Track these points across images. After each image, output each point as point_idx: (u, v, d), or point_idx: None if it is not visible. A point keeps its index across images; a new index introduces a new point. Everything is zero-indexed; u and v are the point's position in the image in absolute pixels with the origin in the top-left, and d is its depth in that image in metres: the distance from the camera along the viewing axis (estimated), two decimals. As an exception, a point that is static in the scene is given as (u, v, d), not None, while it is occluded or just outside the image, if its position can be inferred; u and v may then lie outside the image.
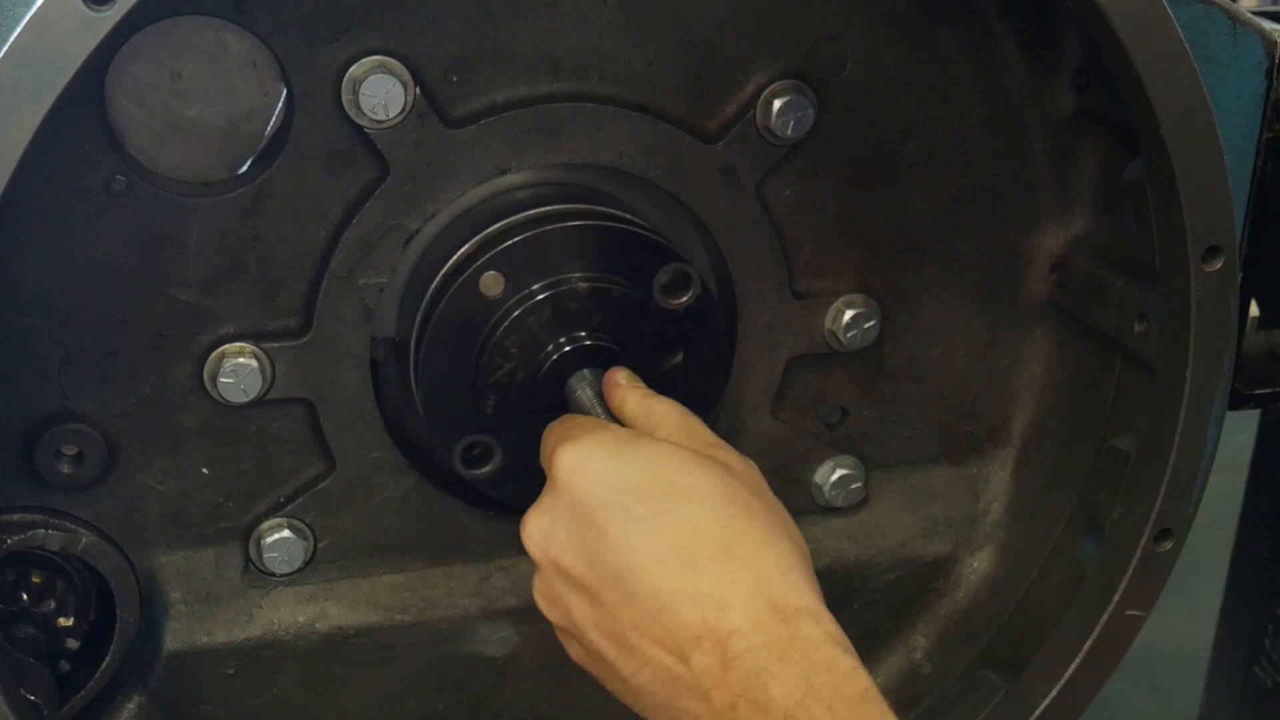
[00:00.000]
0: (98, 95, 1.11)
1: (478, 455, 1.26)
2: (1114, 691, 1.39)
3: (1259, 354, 1.51)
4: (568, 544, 1.04)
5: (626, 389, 1.17)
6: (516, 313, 1.20)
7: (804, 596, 0.97)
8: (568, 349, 1.21)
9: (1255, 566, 1.88)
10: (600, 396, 1.19)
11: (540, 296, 1.20)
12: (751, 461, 1.10)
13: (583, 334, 1.21)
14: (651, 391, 1.17)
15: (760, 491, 1.06)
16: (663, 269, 1.22)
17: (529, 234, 1.20)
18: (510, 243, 1.20)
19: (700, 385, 1.28)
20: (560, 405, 1.20)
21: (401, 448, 1.30)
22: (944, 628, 1.49)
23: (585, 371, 1.20)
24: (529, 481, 1.25)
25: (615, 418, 1.16)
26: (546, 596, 1.08)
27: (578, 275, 1.21)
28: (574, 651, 1.08)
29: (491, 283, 1.20)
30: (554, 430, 1.14)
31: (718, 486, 1.02)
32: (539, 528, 1.07)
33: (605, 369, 1.21)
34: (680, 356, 1.25)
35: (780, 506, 1.07)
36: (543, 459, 1.13)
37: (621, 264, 1.22)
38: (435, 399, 1.24)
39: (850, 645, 0.97)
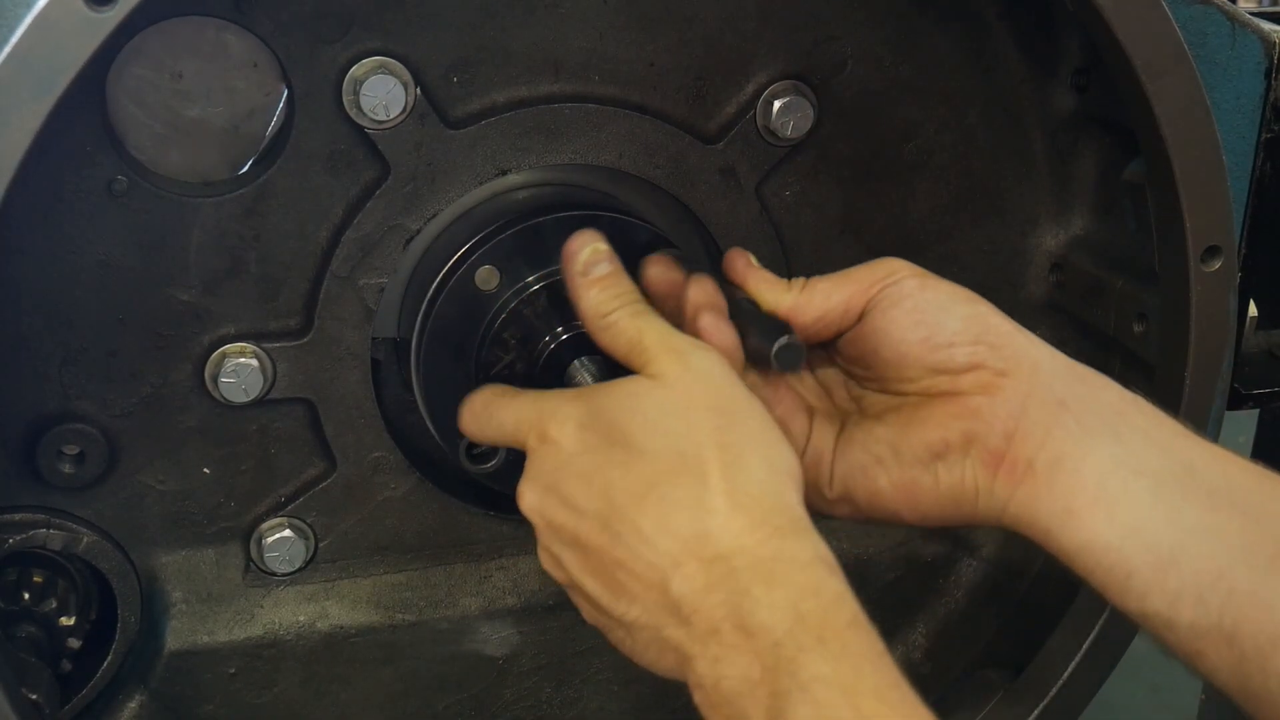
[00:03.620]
0: (99, 96, 1.11)
1: (482, 451, 1.26)
2: (1114, 691, 1.39)
3: (1258, 354, 1.51)
4: (555, 502, 1.01)
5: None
6: (513, 304, 1.20)
7: (786, 513, 0.93)
8: (565, 337, 1.20)
9: (1255, 566, 1.88)
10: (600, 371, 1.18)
11: (535, 287, 1.20)
12: (718, 359, 1.03)
13: (579, 322, 1.21)
14: (636, 309, 1.11)
15: (732, 399, 1.00)
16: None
17: (521, 226, 1.20)
18: (503, 236, 1.20)
19: None
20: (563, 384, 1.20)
21: (402, 448, 1.30)
22: (944, 628, 1.49)
23: (584, 359, 1.20)
24: None
25: None
26: (548, 558, 1.05)
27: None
28: (583, 610, 1.04)
29: (486, 276, 1.20)
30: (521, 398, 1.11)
31: (686, 409, 0.98)
32: (530, 492, 1.04)
33: (603, 354, 1.20)
34: None
35: (757, 410, 1.00)
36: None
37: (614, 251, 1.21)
38: (437, 395, 1.24)
39: (836, 565, 0.92)
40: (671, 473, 0.95)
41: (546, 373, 1.21)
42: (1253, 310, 1.45)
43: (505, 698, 1.41)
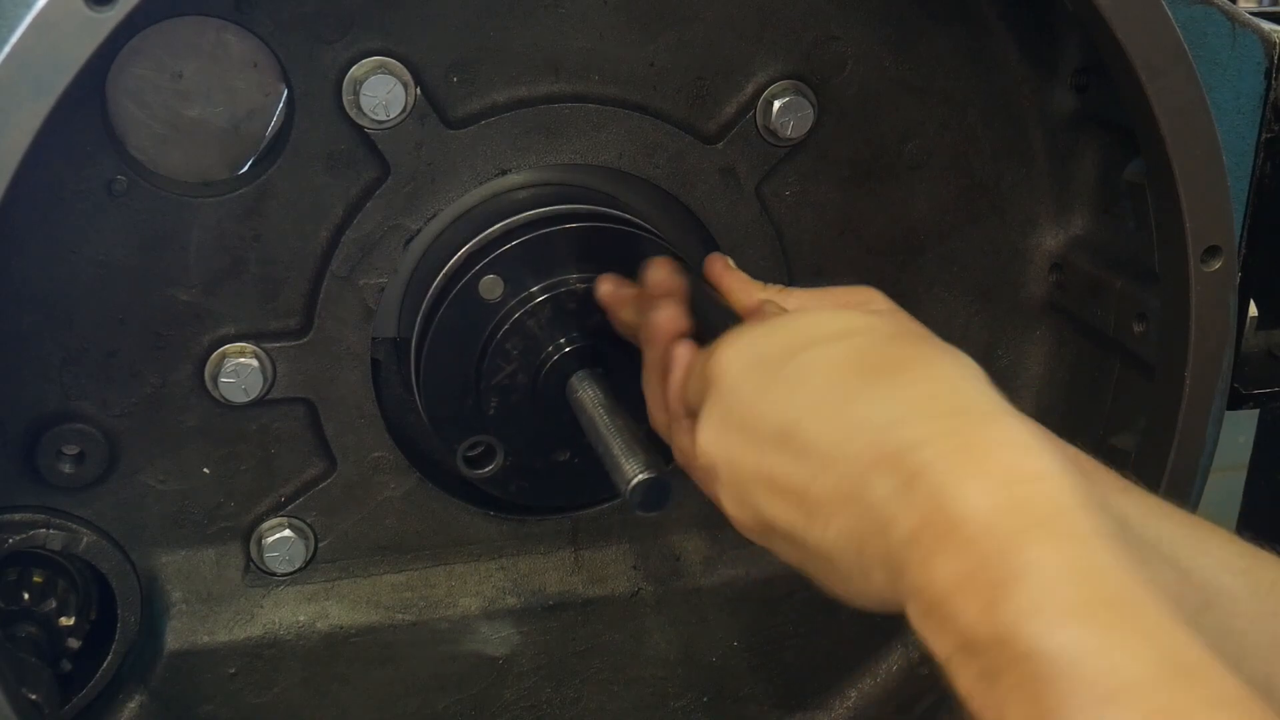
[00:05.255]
0: (99, 95, 1.11)
1: (480, 455, 1.26)
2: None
3: (1258, 354, 1.51)
4: (734, 440, 0.94)
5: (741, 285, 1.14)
6: (516, 315, 1.20)
7: (988, 399, 0.84)
8: (568, 349, 1.21)
9: (1255, 566, 1.88)
10: (602, 398, 1.19)
11: (540, 299, 1.20)
12: (898, 309, 1.03)
13: (582, 334, 1.22)
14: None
15: (915, 325, 0.99)
16: None
17: (527, 237, 1.21)
18: (508, 246, 1.20)
19: None
20: (562, 405, 1.21)
21: (402, 447, 1.30)
22: (944, 627, 1.49)
23: (585, 372, 1.21)
24: (531, 480, 1.24)
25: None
26: (735, 505, 0.96)
27: (576, 277, 1.21)
28: (781, 551, 0.96)
29: (491, 286, 1.20)
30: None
31: (863, 325, 0.93)
32: (706, 439, 0.97)
33: (605, 369, 1.21)
34: None
35: (935, 338, 0.96)
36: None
37: (619, 263, 1.22)
38: (437, 401, 1.24)
39: (1044, 440, 0.82)
40: (854, 374, 0.89)
41: (548, 384, 1.22)
42: (1253, 310, 1.45)
43: (505, 698, 1.41)
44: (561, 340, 1.21)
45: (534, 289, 1.21)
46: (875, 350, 0.91)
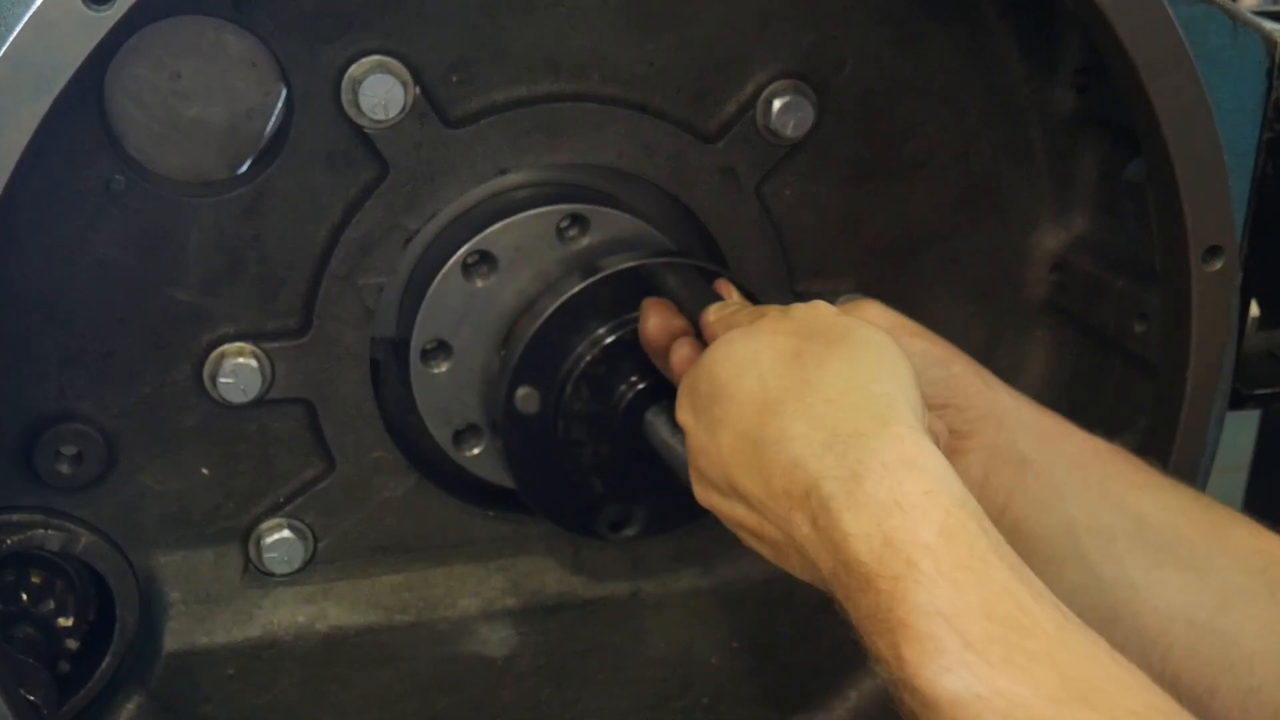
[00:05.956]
0: (97, 95, 1.11)
1: (622, 520, 1.31)
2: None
3: (1259, 354, 1.51)
4: (710, 494, 1.00)
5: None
6: (565, 413, 1.23)
7: (884, 405, 0.86)
8: (628, 399, 1.23)
9: (1255, 567, 1.88)
10: (670, 419, 1.19)
11: (570, 387, 1.23)
12: (815, 303, 1.02)
13: (633, 379, 1.23)
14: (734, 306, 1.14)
15: (819, 318, 0.99)
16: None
17: (531, 338, 1.22)
18: (520, 355, 1.22)
19: None
20: (644, 440, 1.23)
21: (401, 448, 1.30)
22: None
23: (655, 407, 1.22)
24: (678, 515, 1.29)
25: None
26: (721, 514, 1.01)
27: (598, 348, 1.23)
28: (758, 548, 1.01)
29: (527, 400, 1.23)
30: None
31: (765, 348, 0.96)
32: (696, 493, 1.03)
33: (665, 398, 1.21)
34: None
35: (855, 327, 0.96)
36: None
37: (627, 297, 1.23)
38: (555, 506, 1.30)
39: (927, 447, 0.84)
40: (761, 412, 0.91)
41: (625, 431, 1.24)
42: (1254, 310, 1.45)
43: (504, 698, 1.40)
44: (613, 398, 1.23)
45: (563, 382, 1.23)
46: (776, 378, 0.93)
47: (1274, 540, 0.99)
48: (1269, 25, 1.31)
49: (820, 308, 1.02)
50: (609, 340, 1.22)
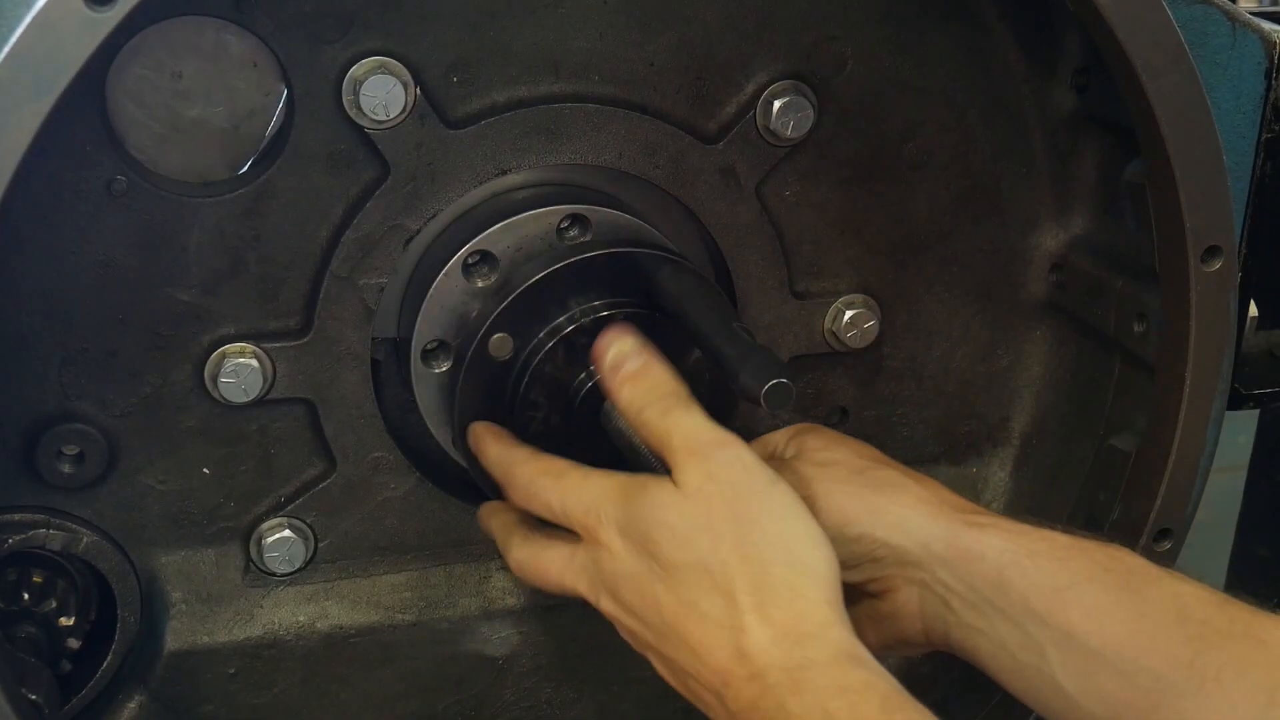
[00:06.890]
0: (99, 95, 1.11)
1: None
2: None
3: (1258, 354, 1.51)
4: (620, 609, 1.07)
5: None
6: (532, 365, 1.20)
7: (811, 614, 0.98)
8: (590, 384, 1.20)
9: (1254, 566, 1.88)
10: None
11: (550, 345, 1.20)
12: (742, 454, 1.06)
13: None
14: (663, 407, 1.13)
15: (752, 502, 1.03)
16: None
17: (524, 288, 1.19)
18: (509, 301, 1.19)
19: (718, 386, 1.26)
20: (601, 433, 1.20)
21: (402, 448, 1.30)
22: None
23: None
24: None
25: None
26: (633, 643, 1.10)
27: (579, 313, 1.20)
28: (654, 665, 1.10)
29: (500, 345, 1.21)
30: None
31: (707, 522, 1.02)
32: (601, 596, 1.09)
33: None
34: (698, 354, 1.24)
35: (779, 507, 1.03)
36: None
37: (620, 285, 1.21)
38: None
39: (860, 651, 0.97)
40: (704, 590, 1.00)
41: (583, 417, 1.21)
42: (1253, 310, 1.46)
43: (505, 698, 1.41)
44: (582, 375, 1.20)
45: (542, 335, 1.20)
46: (723, 557, 1.00)
47: (1200, 630, 1.02)
48: (1268, 26, 1.31)
49: (739, 470, 1.05)
50: (602, 313, 1.19)
